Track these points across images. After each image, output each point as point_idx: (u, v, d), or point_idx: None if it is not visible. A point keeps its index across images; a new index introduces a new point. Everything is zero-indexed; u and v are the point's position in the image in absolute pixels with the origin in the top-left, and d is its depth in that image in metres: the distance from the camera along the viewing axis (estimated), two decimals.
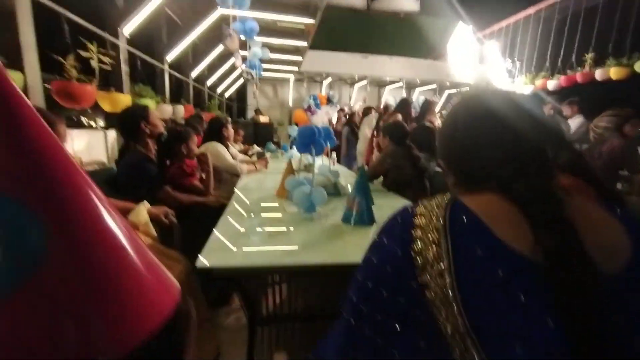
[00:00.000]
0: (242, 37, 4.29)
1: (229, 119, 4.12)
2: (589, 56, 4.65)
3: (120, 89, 2.70)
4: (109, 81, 2.62)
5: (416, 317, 0.39)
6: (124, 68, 2.78)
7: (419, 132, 2.94)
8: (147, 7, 2.74)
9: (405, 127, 2.41)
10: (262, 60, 4.84)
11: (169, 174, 1.84)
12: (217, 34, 4.29)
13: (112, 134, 2.92)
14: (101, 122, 3.01)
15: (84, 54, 2.16)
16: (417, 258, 0.40)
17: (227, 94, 8.28)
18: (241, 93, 9.46)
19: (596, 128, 2.94)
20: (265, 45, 4.76)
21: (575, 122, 4.44)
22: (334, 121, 8.08)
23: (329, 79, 8.59)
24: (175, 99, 4.15)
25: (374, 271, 0.44)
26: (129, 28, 2.77)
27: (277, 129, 8.50)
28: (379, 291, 0.41)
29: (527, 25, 6.02)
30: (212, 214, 1.51)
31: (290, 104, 9.20)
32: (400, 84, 8.44)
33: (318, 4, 3.99)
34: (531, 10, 5.79)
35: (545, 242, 0.37)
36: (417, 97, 8.82)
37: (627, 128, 2.66)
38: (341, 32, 7.91)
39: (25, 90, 1.71)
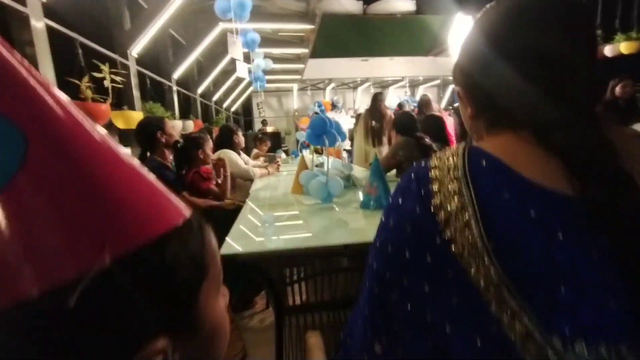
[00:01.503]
0: (245, 50, 4.42)
1: (239, 129, 4.22)
2: (598, 33, 4.58)
3: (132, 107, 2.79)
4: (122, 100, 2.71)
5: (445, 274, 0.36)
6: (135, 87, 2.88)
7: (429, 122, 2.92)
8: (152, 29, 2.84)
9: (414, 117, 2.39)
10: (265, 72, 4.95)
11: (187, 180, 1.88)
12: (219, 50, 4.42)
13: (126, 151, 3.01)
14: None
15: (97, 75, 2.25)
16: (439, 212, 0.37)
17: (233, 108, 8.45)
18: (247, 106, 9.64)
19: None
20: (267, 55, 4.87)
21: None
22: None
23: (332, 85, 8.67)
24: (185, 115, 4.25)
25: (392, 233, 0.40)
26: (137, 49, 2.88)
27: (284, 137, 8.60)
28: (401, 253, 0.38)
29: None
30: (229, 218, 1.52)
31: (296, 112, 9.30)
32: (404, 82, 8.44)
33: (316, 11, 4.07)
34: None
35: (597, 196, 0.33)
36: (421, 95, 8.80)
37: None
38: (340, 39, 8.01)
39: None
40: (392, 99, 8.45)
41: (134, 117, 2.63)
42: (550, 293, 0.31)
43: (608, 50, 4.28)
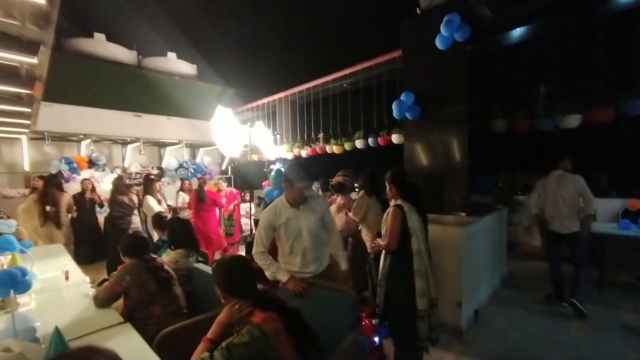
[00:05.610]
0: None
1: None
2: (321, 135, 6.38)
3: None
4: None
5: None
6: None
7: (173, 226, 2.82)
8: None
9: (144, 239, 2.20)
10: None
11: None
12: None
13: None
14: None
15: None
16: None
17: None
18: None
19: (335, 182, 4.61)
20: None
21: None
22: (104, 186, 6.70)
23: (90, 139, 7.13)
24: None
25: None
26: None
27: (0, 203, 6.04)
28: None
29: (281, 104, 7.54)
30: None
31: (27, 167, 6.86)
32: (181, 145, 8.22)
33: (41, 39, 2.74)
34: (282, 94, 7.31)
35: None
36: (202, 157, 8.82)
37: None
38: (109, 88, 6.91)
39: None
40: (170, 160, 7.94)
41: None
42: None
43: (328, 149, 6.14)
